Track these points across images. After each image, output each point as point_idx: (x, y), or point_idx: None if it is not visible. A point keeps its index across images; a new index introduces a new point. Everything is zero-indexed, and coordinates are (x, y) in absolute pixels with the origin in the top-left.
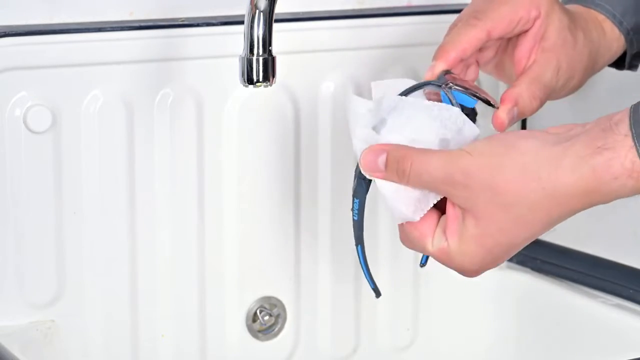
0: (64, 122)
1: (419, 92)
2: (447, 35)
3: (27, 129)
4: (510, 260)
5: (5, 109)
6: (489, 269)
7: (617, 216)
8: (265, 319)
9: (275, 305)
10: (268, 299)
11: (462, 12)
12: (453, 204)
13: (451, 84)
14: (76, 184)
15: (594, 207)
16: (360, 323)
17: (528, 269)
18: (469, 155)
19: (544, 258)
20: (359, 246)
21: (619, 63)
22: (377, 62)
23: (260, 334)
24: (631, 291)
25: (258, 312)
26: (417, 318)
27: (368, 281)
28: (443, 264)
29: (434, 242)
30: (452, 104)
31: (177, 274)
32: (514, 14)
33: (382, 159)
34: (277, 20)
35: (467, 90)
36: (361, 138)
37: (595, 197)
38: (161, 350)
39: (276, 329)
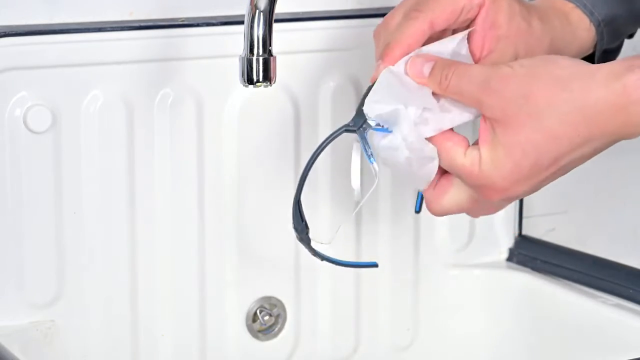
0: (64, 122)
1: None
2: (386, 30)
3: (27, 129)
4: (510, 260)
5: (5, 109)
6: (515, 193)
7: (617, 216)
8: (265, 319)
9: (275, 305)
10: (268, 299)
11: (402, 3)
12: (485, 118)
13: (366, 125)
14: (76, 184)
15: (593, 207)
16: (360, 323)
17: (528, 269)
18: (508, 67)
19: (544, 258)
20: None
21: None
22: None
23: (260, 334)
24: (631, 291)
25: (258, 312)
26: (417, 318)
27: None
28: (470, 179)
29: (467, 152)
30: (366, 149)
31: (177, 274)
32: (455, 3)
33: (428, 65)
34: (277, 20)
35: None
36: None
37: (623, 120)
38: (161, 350)
39: (276, 329)
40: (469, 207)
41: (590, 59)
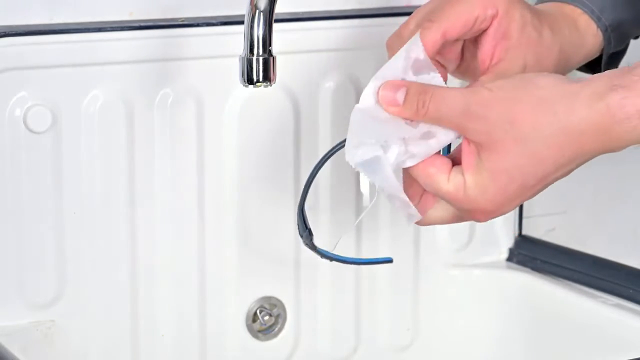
0: (64, 122)
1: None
2: (400, 40)
3: (27, 129)
4: (510, 260)
5: (5, 109)
6: (501, 212)
7: (617, 216)
8: (265, 319)
9: (275, 305)
10: (268, 299)
11: (415, 13)
12: (468, 141)
13: None
14: (76, 184)
15: (593, 207)
16: (360, 323)
17: (528, 269)
18: (488, 90)
19: (544, 258)
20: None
21: (595, 67)
22: (377, 62)
23: (260, 334)
24: (631, 291)
25: (258, 312)
26: (417, 318)
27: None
28: (456, 203)
29: (450, 177)
30: None
31: (177, 274)
32: (469, 13)
33: (401, 92)
34: (277, 20)
35: None
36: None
37: (607, 138)
38: (161, 350)
39: (276, 329)
40: (452, 220)
41: (597, 62)
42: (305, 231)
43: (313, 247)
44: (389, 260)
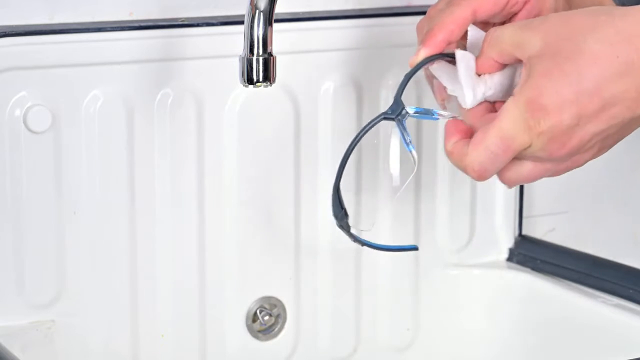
0: (64, 122)
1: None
2: (429, 19)
3: (27, 129)
4: (510, 260)
5: (5, 109)
6: (563, 120)
7: (617, 216)
8: (265, 319)
9: (275, 305)
10: (268, 299)
11: None
12: (524, 67)
13: (404, 113)
14: (76, 184)
15: (593, 207)
16: (360, 323)
17: (528, 269)
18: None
19: (544, 258)
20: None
21: None
22: (377, 62)
23: (260, 334)
24: (631, 291)
25: (258, 312)
26: (417, 318)
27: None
28: (513, 108)
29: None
30: (404, 136)
31: (177, 274)
32: None
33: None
34: (277, 20)
35: (425, 110)
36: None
37: None
38: (161, 350)
39: (276, 329)
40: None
41: None
42: (341, 212)
43: (347, 228)
44: (415, 248)
